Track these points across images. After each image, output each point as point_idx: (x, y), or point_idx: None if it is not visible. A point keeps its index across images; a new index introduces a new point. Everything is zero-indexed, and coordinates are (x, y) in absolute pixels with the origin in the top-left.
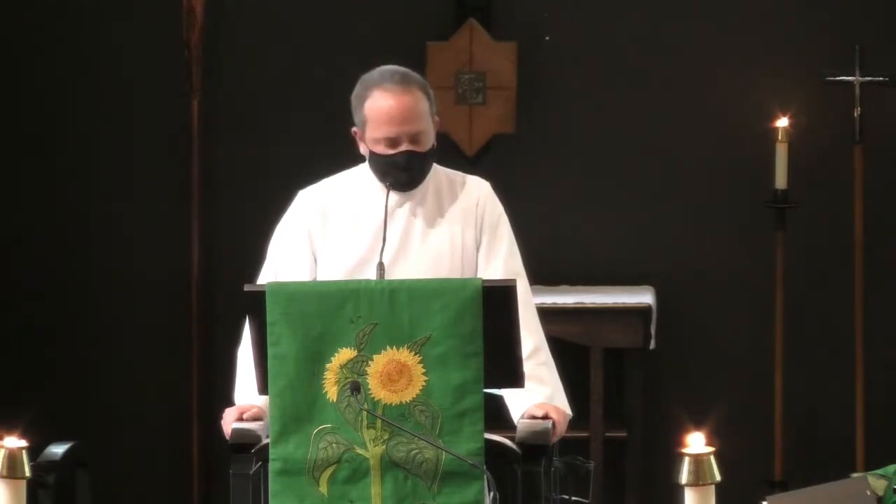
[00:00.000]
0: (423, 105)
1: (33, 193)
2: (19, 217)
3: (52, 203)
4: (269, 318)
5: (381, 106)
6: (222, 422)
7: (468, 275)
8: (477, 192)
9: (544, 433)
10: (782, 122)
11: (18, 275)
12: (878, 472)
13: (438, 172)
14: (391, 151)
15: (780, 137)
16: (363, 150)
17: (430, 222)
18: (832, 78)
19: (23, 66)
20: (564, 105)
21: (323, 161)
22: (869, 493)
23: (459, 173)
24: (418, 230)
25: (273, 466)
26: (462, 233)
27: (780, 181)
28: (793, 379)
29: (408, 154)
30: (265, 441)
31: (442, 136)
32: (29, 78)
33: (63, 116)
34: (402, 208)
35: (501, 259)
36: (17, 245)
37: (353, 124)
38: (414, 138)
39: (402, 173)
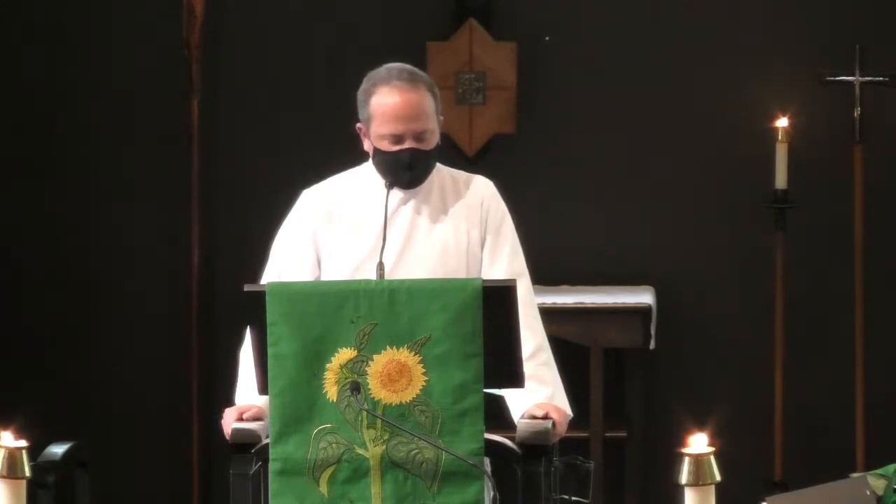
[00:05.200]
0: (429, 103)
1: (33, 193)
2: (19, 216)
3: (51, 203)
4: (269, 319)
5: (387, 102)
6: (222, 422)
7: (473, 273)
8: (482, 191)
9: (544, 433)
10: (782, 122)
11: (18, 274)
12: (878, 472)
13: (442, 171)
14: (395, 148)
15: (780, 137)
16: (367, 146)
17: (434, 221)
18: (832, 78)
19: (23, 67)
20: (564, 105)
21: (323, 161)
22: (869, 493)
23: (464, 173)
24: (423, 228)
25: (273, 466)
26: (467, 231)
27: (780, 181)
28: (793, 379)
29: (411, 152)
30: (265, 441)
31: (442, 136)
32: (29, 78)
33: (63, 116)
34: (406, 207)
35: (505, 259)
36: (17, 244)
37: (356, 122)
38: (419, 136)
39: (405, 171)
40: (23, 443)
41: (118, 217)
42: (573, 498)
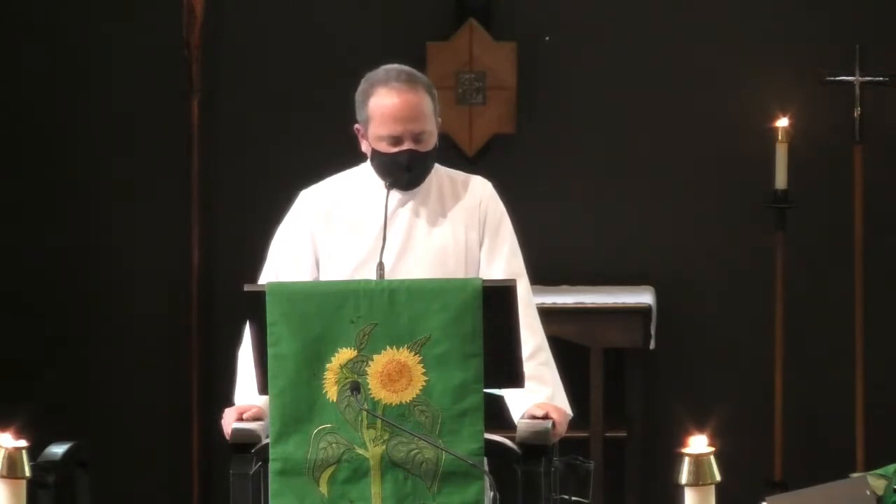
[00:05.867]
0: (428, 105)
1: (33, 193)
2: (19, 216)
3: (51, 203)
4: (269, 318)
5: (385, 104)
6: (222, 422)
7: (471, 274)
8: (480, 192)
9: (544, 433)
10: (782, 122)
11: (18, 274)
12: (878, 472)
13: (441, 172)
14: (393, 150)
15: (780, 137)
16: (365, 147)
17: (433, 222)
18: (832, 78)
19: (22, 67)
20: (564, 105)
21: (323, 161)
22: (869, 493)
23: (462, 173)
24: (421, 230)
25: (273, 466)
26: (465, 232)
27: (780, 181)
28: (793, 379)
29: (410, 153)
30: (265, 441)
31: (442, 136)
32: (29, 78)
33: (63, 116)
34: (405, 208)
35: (503, 259)
36: (18, 244)
37: (355, 123)
38: (417, 138)
39: (403, 172)
40: (23, 443)
41: (118, 217)
42: (573, 498)
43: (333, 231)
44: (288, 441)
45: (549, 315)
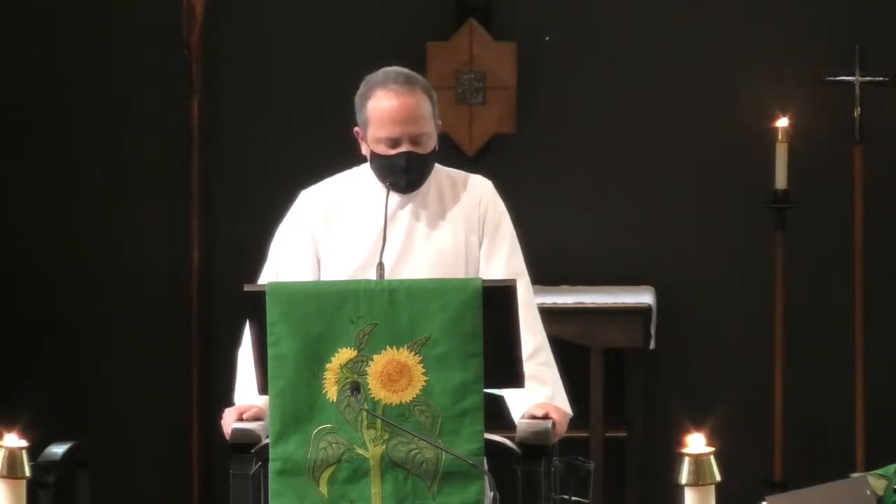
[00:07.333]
0: (426, 107)
1: (33, 193)
2: (19, 217)
3: (51, 203)
4: (269, 318)
5: (384, 106)
6: (222, 422)
7: (471, 275)
8: (479, 191)
9: (544, 433)
10: (782, 122)
11: (18, 274)
12: (878, 472)
13: (440, 172)
14: (392, 152)
15: (780, 137)
16: (364, 150)
17: (433, 222)
18: (832, 78)
19: (23, 67)
20: (564, 105)
21: (323, 161)
22: (869, 493)
23: (461, 172)
24: (421, 230)
25: (273, 466)
26: (465, 233)
27: (780, 181)
28: (793, 379)
29: (408, 155)
30: (265, 441)
31: (442, 136)
32: (29, 78)
33: (63, 116)
34: (405, 209)
35: (503, 259)
36: (17, 245)
37: (354, 124)
38: (415, 140)
39: (402, 175)
40: (23, 443)
41: (118, 217)
42: (573, 498)
43: (333, 231)
44: (288, 441)
45: (549, 315)
